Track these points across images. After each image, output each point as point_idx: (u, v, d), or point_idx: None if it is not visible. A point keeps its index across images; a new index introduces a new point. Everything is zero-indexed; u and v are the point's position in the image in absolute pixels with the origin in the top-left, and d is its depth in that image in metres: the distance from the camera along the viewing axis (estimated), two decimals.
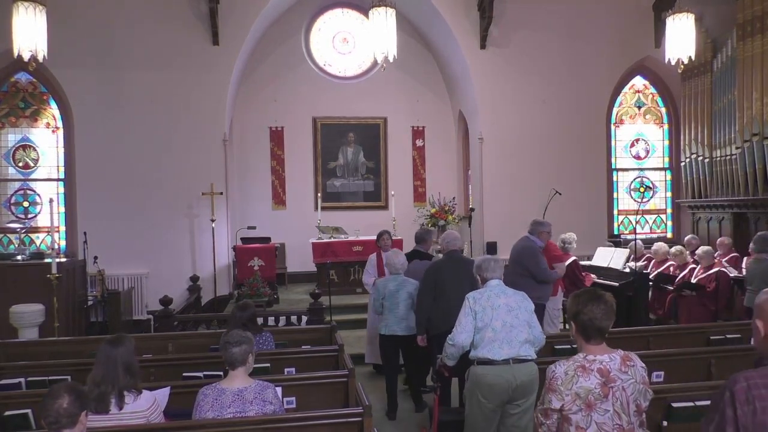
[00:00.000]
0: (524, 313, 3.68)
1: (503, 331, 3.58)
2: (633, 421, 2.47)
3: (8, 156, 9.87)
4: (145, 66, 9.51)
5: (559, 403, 2.46)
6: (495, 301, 3.67)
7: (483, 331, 3.60)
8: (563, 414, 2.47)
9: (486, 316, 3.62)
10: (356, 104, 11.63)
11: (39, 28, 6.34)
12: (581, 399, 2.43)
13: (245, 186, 11.34)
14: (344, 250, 9.69)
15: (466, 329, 3.64)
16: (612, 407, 2.44)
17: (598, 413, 2.43)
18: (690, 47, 7.70)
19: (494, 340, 3.56)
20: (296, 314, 7.09)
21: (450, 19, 10.32)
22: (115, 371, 3.08)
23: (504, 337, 3.57)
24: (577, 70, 10.72)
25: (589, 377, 2.45)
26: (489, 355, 3.55)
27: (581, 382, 2.45)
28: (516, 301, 3.71)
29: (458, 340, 3.64)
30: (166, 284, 8.88)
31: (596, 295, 2.52)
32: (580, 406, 2.44)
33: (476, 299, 3.71)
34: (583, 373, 2.46)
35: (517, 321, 3.61)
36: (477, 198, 10.91)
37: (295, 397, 3.90)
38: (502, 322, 3.59)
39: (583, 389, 2.43)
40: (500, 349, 3.55)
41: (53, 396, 2.50)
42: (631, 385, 2.48)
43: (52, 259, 6.65)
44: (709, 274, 7.20)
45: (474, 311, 3.65)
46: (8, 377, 4.20)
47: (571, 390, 2.45)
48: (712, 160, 9.85)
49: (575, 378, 2.45)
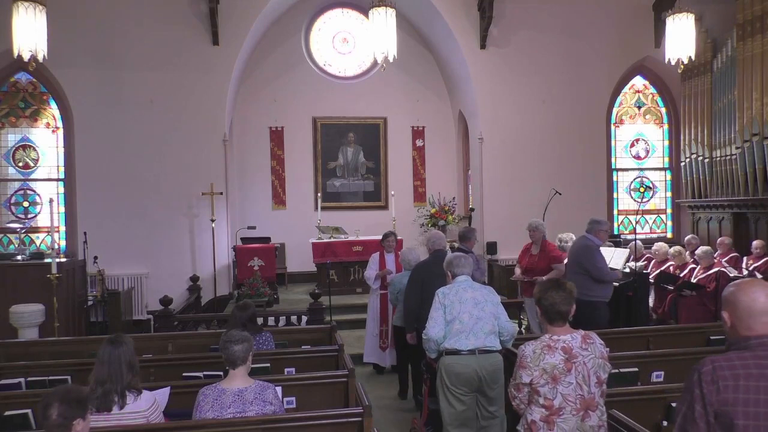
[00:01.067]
0: (490, 306, 3.87)
1: (470, 323, 3.78)
2: (594, 391, 2.82)
3: (8, 156, 9.87)
4: (145, 66, 9.51)
5: (529, 377, 2.82)
6: (462, 295, 3.86)
7: (452, 323, 3.80)
8: (532, 387, 2.82)
9: (454, 310, 3.81)
10: (356, 104, 11.63)
11: (39, 28, 6.33)
12: (547, 373, 2.78)
13: (245, 186, 11.34)
14: (344, 250, 9.69)
15: (437, 323, 3.83)
16: (575, 380, 2.78)
17: (563, 385, 2.78)
18: (690, 47, 7.70)
19: (461, 332, 3.77)
20: (296, 314, 7.10)
21: (450, 19, 10.32)
22: (120, 370, 3.09)
23: (471, 329, 3.77)
24: (577, 70, 10.72)
25: (554, 354, 2.80)
26: (456, 345, 3.76)
27: (547, 358, 2.80)
28: (482, 294, 3.92)
29: (431, 334, 3.83)
30: (166, 284, 8.89)
31: (557, 283, 2.93)
32: (546, 380, 2.79)
33: (445, 294, 3.91)
34: (549, 351, 2.81)
35: (483, 314, 3.82)
36: (477, 198, 10.91)
37: (295, 397, 3.90)
38: (469, 315, 3.80)
39: (549, 365, 2.79)
40: (467, 340, 3.76)
41: (45, 405, 2.49)
42: (591, 360, 2.82)
43: (52, 259, 6.64)
44: (709, 274, 7.21)
45: (443, 305, 3.85)
46: (8, 377, 4.20)
47: (538, 366, 2.80)
48: (712, 160, 9.85)
49: (542, 355, 2.81)
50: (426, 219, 11.41)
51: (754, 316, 1.96)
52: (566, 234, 7.53)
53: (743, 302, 1.99)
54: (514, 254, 7.23)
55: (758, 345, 1.94)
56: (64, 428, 2.49)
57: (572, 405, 2.78)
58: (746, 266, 7.86)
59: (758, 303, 1.97)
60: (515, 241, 6.56)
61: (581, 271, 5.61)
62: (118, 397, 3.05)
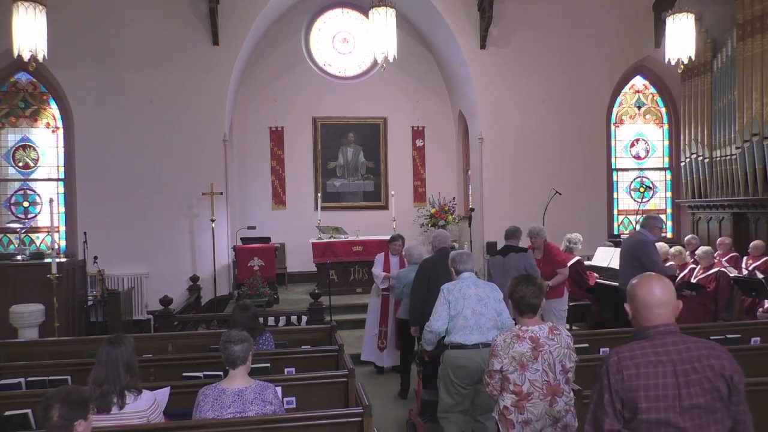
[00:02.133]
0: (493, 302, 4.02)
1: (473, 319, 3.92)
2: (559, 378, 3.04)
3: (8, 156, 9.87)
4: (145, 66, 9.51)
5: (499, 365, 3.05)
6: (466, 292, 4.00)
7: (456, 318, 3.94)
8: (503, 374, 3.04)
9: (458, 305, 3.96)
10: (356, 104, 11.63)
11: (39, 28, 6.32)
12: (516, 361, 3.02)
13: (245, 186, 11.34)
14: (344, 250, 9.69)
15: (441, 317, 3.98)
16: (541, 367, 3.01)
17: (530, 372, 3.01)
18: (690, 47, 7.70)
19: (465, 327, 3.91)
20: (296, 314, 7.09)
21: (450, 19, 10.32)
22: (117, 371, 3.08)
23: (474, 324, 3.91)
24: (577, 70, 10.72)
25: (522, 343, 3.04)
26: (461, 340, 3.90)
27: (516, 347, 3.04)
28: (486, 291, 4.05)
29: (435, 327, 4.00)
30: (166, 284, 8.89)
31: (528, 278, 3.19)
32: (515, 367, 3.02)
33: (450, 290, 4.05)
34: (518, 340, 3.06)
35: (485, 309, 3.96)
36: (477, 198, 10.91)
37: (295, 397, 3.90)
38: (472, 311, 3.94)
39: (517, 353, 3.03)
40: (471, 334, 3.90)
41: (45, 406, 2.50)
42: (556, 349, 3.04)
43: (52, 259, 6.65)
44: (709, 274, 7.21)
45: (448, 301, 4.00)
46: (8, 377, 4.19)
47: (508, 354, 3.04)
48: (712, 160, 9.84)
49: (511, 344, 3.05)
50: (426, 219, 11.41)
51: (650, 308, 2.16)
52: (574, 234, 7.50)
53: (640, 296, 2.18)
54: None
55: (655, 334, 2.14)
56: (66, 429, 2.49)
57: (540, 390, 3.00)
58: (746, 266, 7.86)
59: (653, 296, 2.15)
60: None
61: (637, 264, 5.69)
62: (117, 397, 3.05)
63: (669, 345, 2.12)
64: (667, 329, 2.15)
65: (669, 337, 2.14)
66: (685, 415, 2.06)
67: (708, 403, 2.07)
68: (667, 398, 2.07)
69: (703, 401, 2.07)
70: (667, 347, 2.12)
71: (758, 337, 5.17)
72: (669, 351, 2.11)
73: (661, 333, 2.14)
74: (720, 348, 2.17)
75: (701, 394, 2.07)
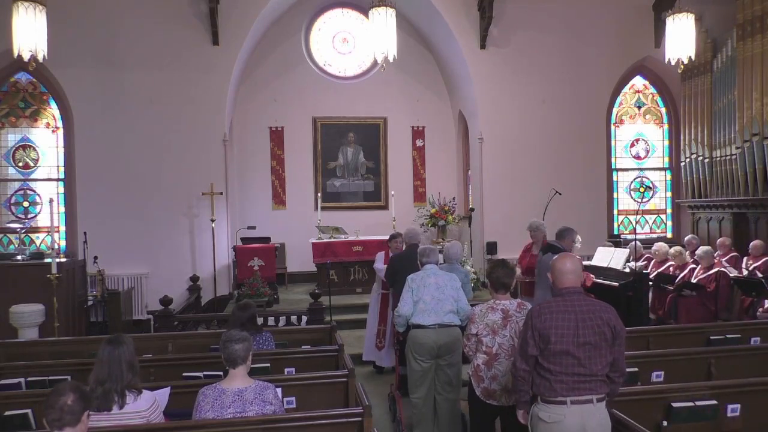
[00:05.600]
0: (450, 290, 4.62)
1: (432, 303, 4.55)
2: None
3: (8, 156, 9.87)
4: (145, 66, 9.51)
5: (476, 329, 3.80)
6: (427, 280, 4.64)
7: (418, 303, 4.58)
8: (478, 337, 3.78)
9: (420, 292, 4.59)
10: (356, 104, 11.63)
11: (39, 28, 6.32)
12: (489, 327, 3.75)
13: (245, 186, 11.34)
14: (344, 250, 9.69)
15: (406, 303, 4.61)
16: (509, 333, 3.72)
17: (500, 336, 3.73)
18: (690, 47, 7.69)
19: (425, 311, 4.54)
20: (296, 314, 7.10)
21: (450, 19, 10.32)
22: (120, 369, 3.09)
23: (432, 308, 4.53)
24: (577, 70, 10.72)
25: (495, 313, 3.78)
26: (421, 321, 4.53)
27: (489, 316, 3.77)
28: (444, 280, 4.67)
29: (402, 312, 4.61)
30: (166, 284, 8.89)
31: (502, 262, 3.98)
32: (488, 332, 3.75)
33: (413, 279, 4.69)
34: (491, 311, 3.79)
35: (443, 296, 4.58)
36: (477, 198, 10.91)
37: (295, 397, 3.90)
38: (431, 296, 4.57)
39: (490, 321, 3.76)
40: (429, 316, 4.52)
41: (58, 393, 2.51)
42: (522, 320, 3.53)
43: (52, 259, 6.65)
44: (709, 274, 7.20)
45: (411, 288, 4.63)
46: (8, 377, 4.20)
47: (483, 321, 3.78)
48: (712, 160, 9.84)
49: (486, 313, 3.79)
50: (426, 219, 11.39)
51: (563, 274, 3.09)
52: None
53: (557, 266, 3.13)
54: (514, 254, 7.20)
55: (565, 293, 3.06)
56: (78, 415, 2.50)
57: (506, 352, 3.69)
58: (746, 266, 7.85)
59: (566, 266, 3.10)
60: (515, 241, 6.56)
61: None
62: (118, 396, 3.05)
63: (574, 301, 3.02)
64: (574, 290, 3.07)
65: (575, 295, 3.05)
66: (580, 348, 2.94)
67: (596, 341, 2.95)
68: (569, 335, 2.94)
69: (592, 340, 2.95)
70: (573, 302, 3.02)
71: (758, 337, 5.17)
72: (573, 304, 3.01)
73: (569, 292, 3.06)
74: (609, 307, 3.08)
75: (592, 335, 2.95)
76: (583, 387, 2.93)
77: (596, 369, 2.94)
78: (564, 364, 2.93)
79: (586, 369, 2.93)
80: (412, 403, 4.67)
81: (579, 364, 2.92)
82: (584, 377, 2.93)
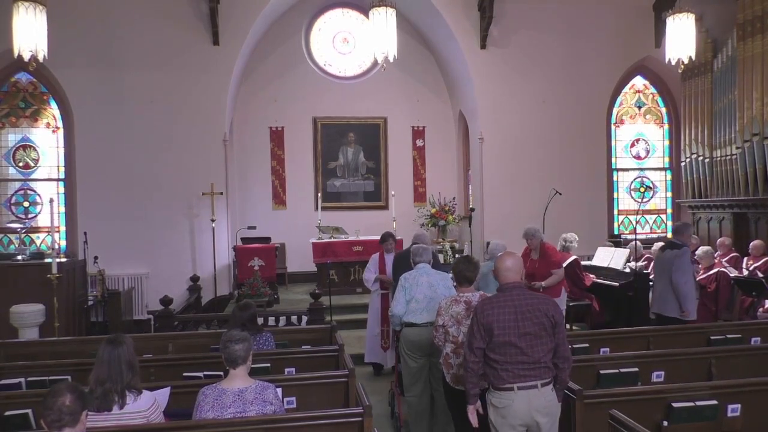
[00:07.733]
0: (442, 289, 4.69)
1: (424, 302, 4.62)
2: None
3: (8, 156, 9.88)
4: (145, 66, 9.51)
5: (442, 321, 3.98)
6: (419, 279, 4.72)
7: (410, 302, 4.65)
8: (445, 328, 3.96)
9: (412, 291, 4.67)
10: (356, 104, 11.63)
11: (39, 28, 6.31)
12: (454, 318, 3.94)
13: (245, 186, 11.34)
14: (344, 250, 9.69)
15: (399, 302, 4.68)
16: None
17: (464, 326, 3.85)
18: (690, 47, 7.69)
19: (417, 309, 4.62)
20: (296, 314, 7.09)
21: (450, 19, 10.32)
22: (120, 369, 3.08)
23: (424, 307, 4.60)
24: (577, 70, 10.72)
25: (458, 305, 3.97)
26: (413, 319, 4.61)
27: (454, 308, 3.97)
28: (436, 279, 4.75)
29: (395, 311, 4.69)
30: (166, 284, 8.89)
31: (466, 258, 4.20)
32: (453, 323, 3.94)
33: (406, 278, 4.76)
34: (455, 303, 3.99)
35: (435, 294, 4.63)
36: (477, 198, 10.91)
37: (295, 397, 3.90)
38: (423, 295, 4.64)
39: (455, 312, 3.95)
40: (421, 315, 4.59)
41: (56, 394, 2.50)
42: None
43: (52, 259, 6.64)
44: (709, 274, 7.20)
45: (404, 287, 4.70)
46: (8, 377, 4.19)
47: (448, 313, 3.97)
48: (713, 160, 9.83)
49: (451, 306, 3.99)
50: (426, 219, 11.40)
51: (504, 272, 3.39)
52: (570, 234, 7.51)
53: (498, 265, 3.43)
54: None
55: (506, 288, 3.35)
56: (77, 415, 2.50)
57: None
58: (746, 266, 7.85)
59: (506, 264, 3.40)
60: (515, 242, 6.54)
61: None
62: (118, 396, 3.04)
63: (514, 295, 3.31)
64: (515, 285, 3.36)
65: (516, 290, 3.33)
66: (522, 338, 3.20)
67: (536, 331, 3.22)
68: (510, 327, 3.21)
69: (532, 330, 3.21)
70: (513, 297, 3.30)
71: (758, 337, 5.17)
72: (513, 299, 3.29)
73: (510, 287, 3.35)
74: (549, 299, 3.41)
75: (531, 326, 3.21)
76: (527, 374, 3.19)
77: (539, 357, 3.20)
78: (508, 354, 3.21)
79: (529, 357, 3.19)
80: (407, 402, 4.74)
81: (522, 353, 3.19)
82: (528, 365, 3.19)
